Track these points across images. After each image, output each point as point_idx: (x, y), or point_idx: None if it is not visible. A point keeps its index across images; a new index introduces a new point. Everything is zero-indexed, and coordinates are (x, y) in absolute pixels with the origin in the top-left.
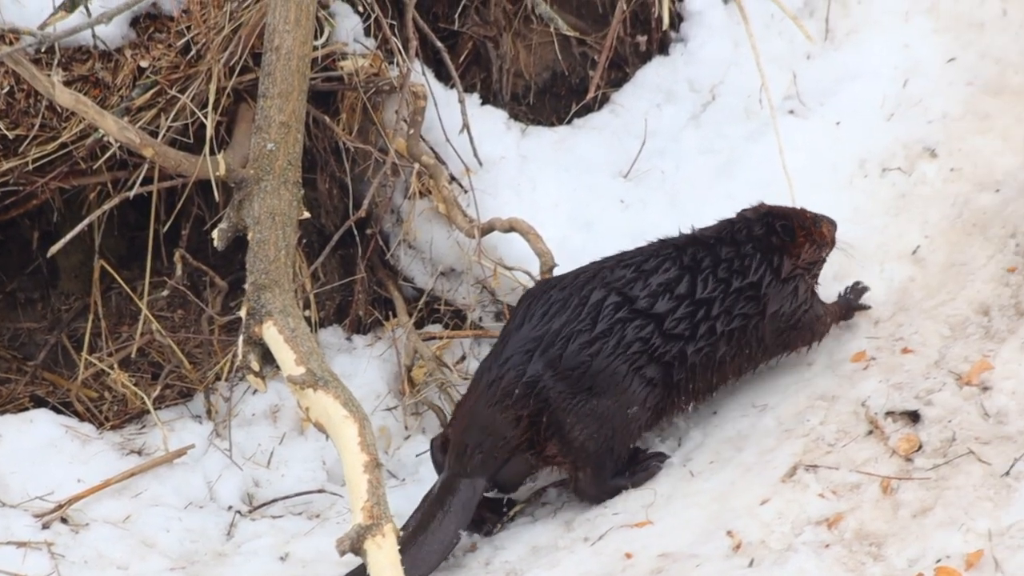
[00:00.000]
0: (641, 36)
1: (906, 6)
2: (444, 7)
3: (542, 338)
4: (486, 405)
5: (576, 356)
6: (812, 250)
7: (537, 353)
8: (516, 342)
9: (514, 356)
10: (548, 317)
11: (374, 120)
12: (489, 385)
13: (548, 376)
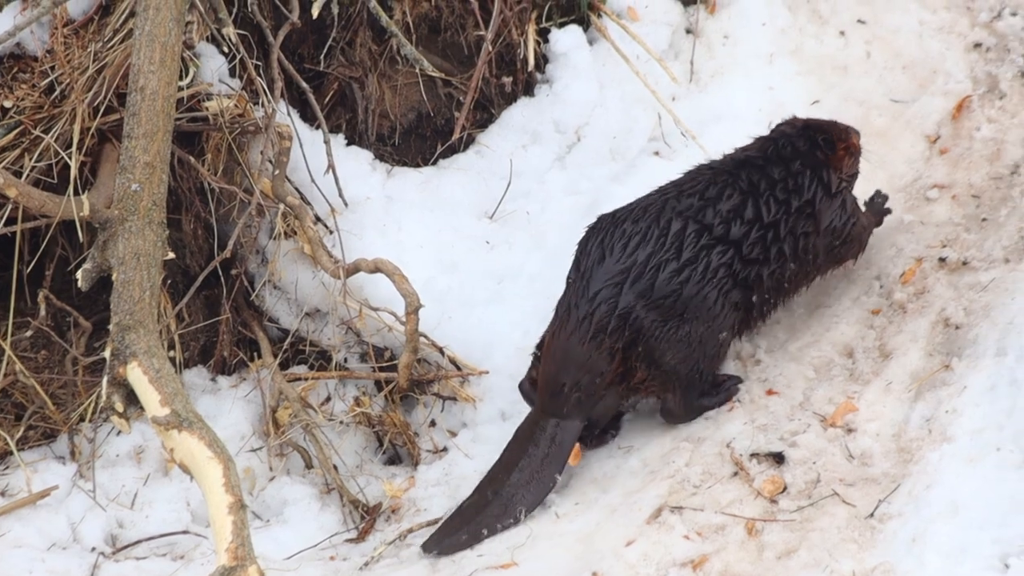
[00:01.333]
0: (507, 77)
1: (771, 48)
2: (309, 48)
3: (629, 270)
4: (580, 342)
5: (667, 285)
6: (851, 162)
7: (627, 285)
8: (602, 276)
9: (603, 290)
10: (630, 249)
11: (239, 160)
12: (581, 321)
13: (640, 306)
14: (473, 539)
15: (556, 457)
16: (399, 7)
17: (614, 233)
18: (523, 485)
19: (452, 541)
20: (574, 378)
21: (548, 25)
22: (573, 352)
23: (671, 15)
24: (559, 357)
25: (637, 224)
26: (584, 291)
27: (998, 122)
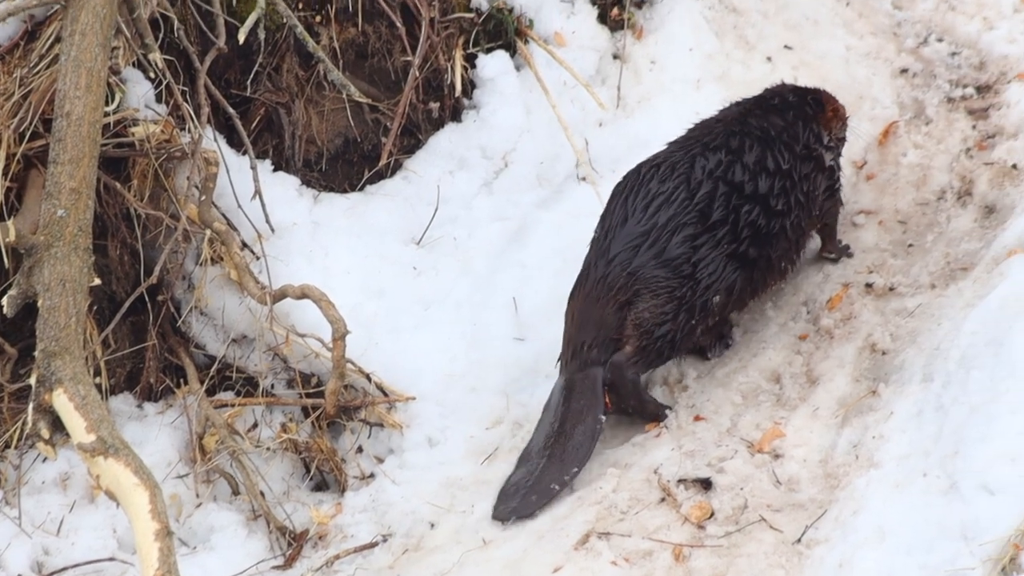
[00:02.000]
0: (434, 103)
1: (698, 74)
2: (236, 73)
3: (649, 233)
4: (594, 303)
5: (679, 246)
6: (839, 125)
7: (644, 247)
8: (622, 238)
9: (621, 253)
10: (651, 211)
11: (166, 186)
12: (596, 283)
13: (650, 264)
14: (543, 497)
15: (593, 404)
16: (326, 33)
17: (638, 193)
18: (571, 439)
19: (524, 503)
20: (591, 335)
21: (475, 51)
22: (588, 312)
23: (598, 41)
24: (578, 319)
25: (664, 184)
26: (604, 253)
27: (924, 148)
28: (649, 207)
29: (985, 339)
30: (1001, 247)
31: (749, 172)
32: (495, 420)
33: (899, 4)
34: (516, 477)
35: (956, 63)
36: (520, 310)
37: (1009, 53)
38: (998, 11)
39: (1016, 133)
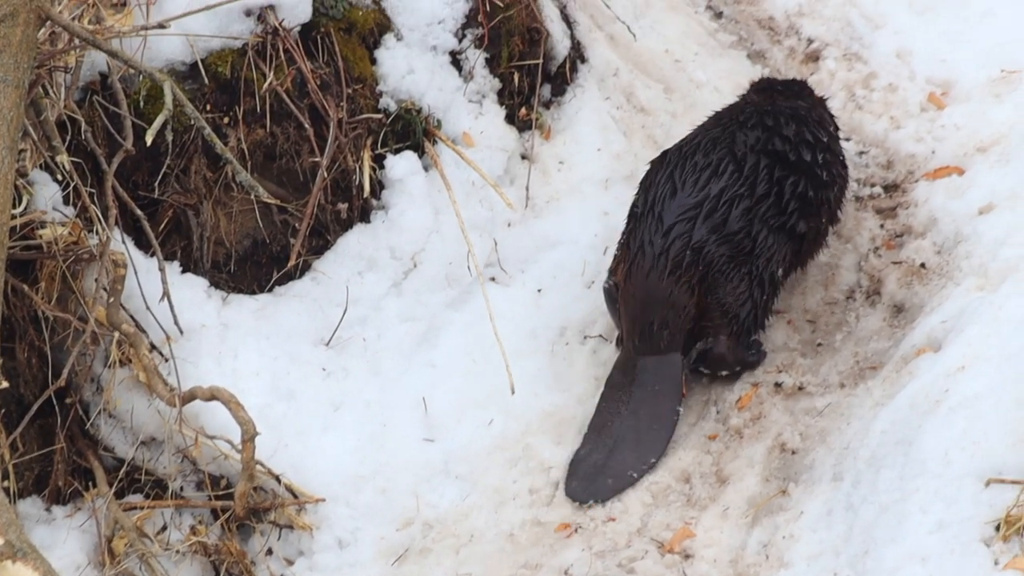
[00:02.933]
0: (342, 204)
1: (606, 174)
2: (144, 175)
3: (702, 204)
4: (659, 278)
5: (738, 221)
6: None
7: (700, 220)
8: (675, 210)
9: (677, 224)
10: (702, 183)
11: (74, 288)
12: (657, 258)
13: (712, 241)
14: (620, 482)
15: (671, 392)
16: (234, 134)
17: (684, 166)
18: (646, 428)
19: (600, 486)
20: (661, 316)
21: (384, 151)
22: (654, 289)
23: (506, 140)
24: (641, 296)
25: (708, 156)
26: (657, 226)
27: (833, 247)
28: (699, 180)
29: (895, 438)
30: (910, 346)
31: (790, 143)
32: (406, 521)
33: None
34: (586, 453)
35: (864, 162)
36: (430, 410)
37: (916, 152)
38: (905, 110)
39: (924, 232)
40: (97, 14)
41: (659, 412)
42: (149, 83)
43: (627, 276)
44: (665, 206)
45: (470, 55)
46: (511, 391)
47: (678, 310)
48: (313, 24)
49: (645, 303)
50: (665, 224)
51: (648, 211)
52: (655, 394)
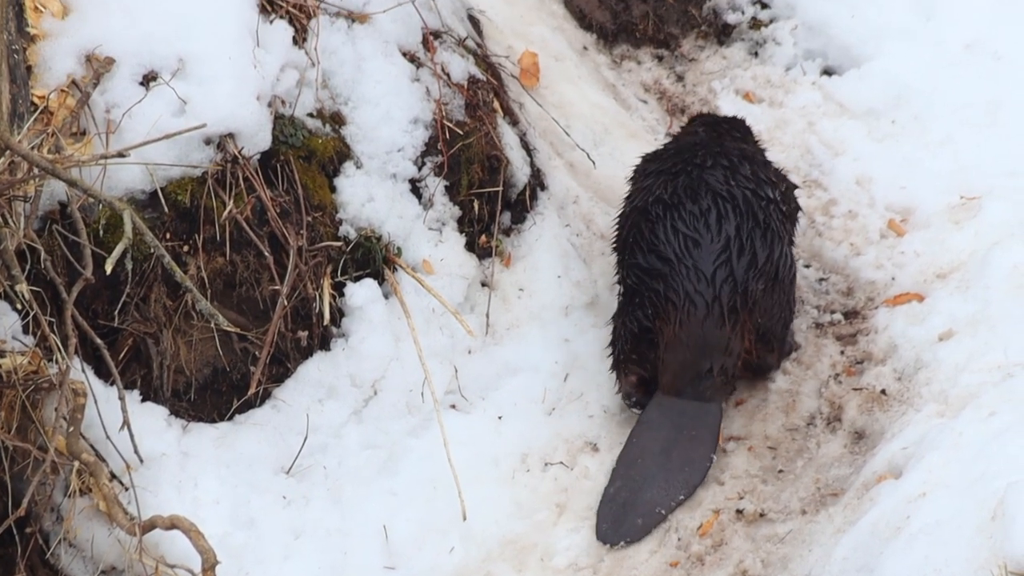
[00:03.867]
0: (303, 331)
1: (566, 301)
2: (104, 303)
3: (728, 246)
4: (716, 326)
5: (764, 252)
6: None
7: (734, 261)
8: (708, 257)
9: (717, 271)
10: (715, 227)
11: (33, 418)
12: (711, 305)
13: (752, 278)
14: (649, 519)
15: (709, 439)
16: (194, 262)
17: (683, 215)
18: (677, 469)
19: (629, 527)
20: (720, 362)
21: (344, 279)
22: (712, 337)
23: (466, 268)
24: (696, 344)
25: (699, 203)
26: (699, 275)
27: (793, 374)
28: (710, 224)
29: (856, 565)
30: (871, 472)
31: (756, 181)
32: None
33: None
34: (614, 491)
35: (824, 289)
36: (391, 538)
37: (876, 279)
38: (865, 237)
39: (884, 359)
40: (56, 143)
41: (693, 456)
42: (109, 212)
43: (677, 326)
44: (696, 256)
45: (430, 183)
46: (463, 517)
47: (735, 357)
48: (273, 152)
49: (701, 350)
50: (706, 272)
51: (678, 264)
52: (692, 439)
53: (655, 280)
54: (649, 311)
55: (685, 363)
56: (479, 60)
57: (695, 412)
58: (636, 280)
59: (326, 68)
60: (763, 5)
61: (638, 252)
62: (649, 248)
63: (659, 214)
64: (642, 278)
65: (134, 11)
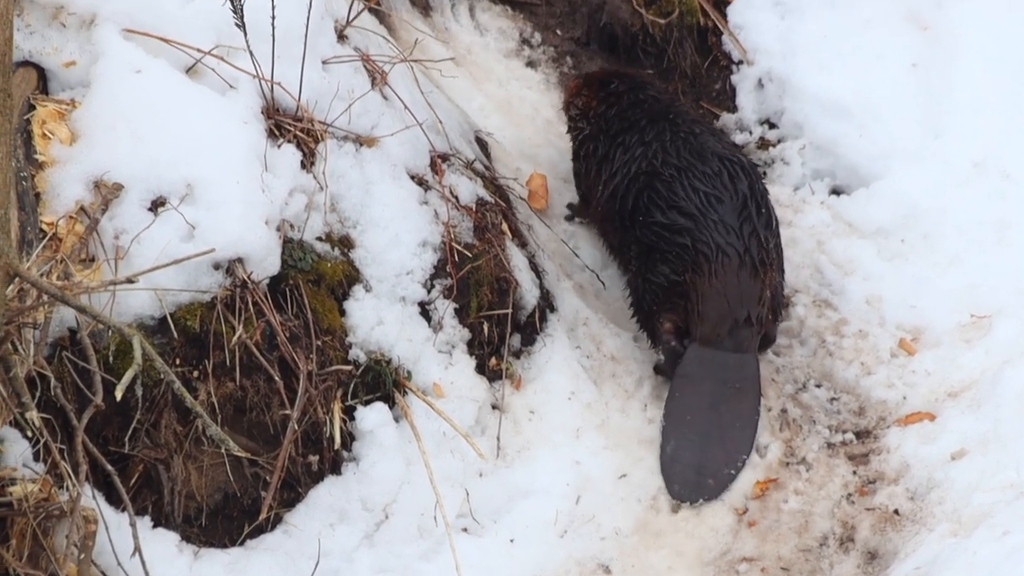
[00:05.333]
0: (313, 456)
1: (577, 423)
2: (114, 430)
3: (747, 204)
4: (751, 277)
5: (774, 212)
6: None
7: (754, 218)
8: (732, 213)
9: (743, 225)
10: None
11: (44, 545)
12: (742, 257)
13: (770, 236)
14: (721, 481)
15: (753, 391)
16: (204, 387)
17: (697, 175)
18: (730, 425)
19: (703, 486)
20: (755, 312)
21: (354, 403)
22: (747, 286)
23: (477, 391)
24: (733, 293)
25: (708, 164)
26: (727, 228)
27: (805, 494)
28: (726, 184)
29: None
30: None
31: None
32: None
33: (777, 350)
34: (673, 451)
35: (835, 408)
36: None
37: (887, 398)
38: (876, 356)
39: (897, 478)
40: (66, 270)
41: (741, 410)
42: (118, 338)
43: (709, 275)
44: (721, 211)
45: (439, 305)
46: None
47: (765, 307)
48: (282, 276)
49: (738, 299)
50: (734, 226)
51: (702, 218)
52: (738, 392)
53: (679, 235)
54: (676, 264)
55: (723, 313)
56: (487, 182)
57: (736, 363)
58: (655, 237)
59: (334, 192)
60: (771, 125)
61: (655, 210)
62: (668, 205)
63: (673, 175)
64: (662, 234)
65: (142, 137)
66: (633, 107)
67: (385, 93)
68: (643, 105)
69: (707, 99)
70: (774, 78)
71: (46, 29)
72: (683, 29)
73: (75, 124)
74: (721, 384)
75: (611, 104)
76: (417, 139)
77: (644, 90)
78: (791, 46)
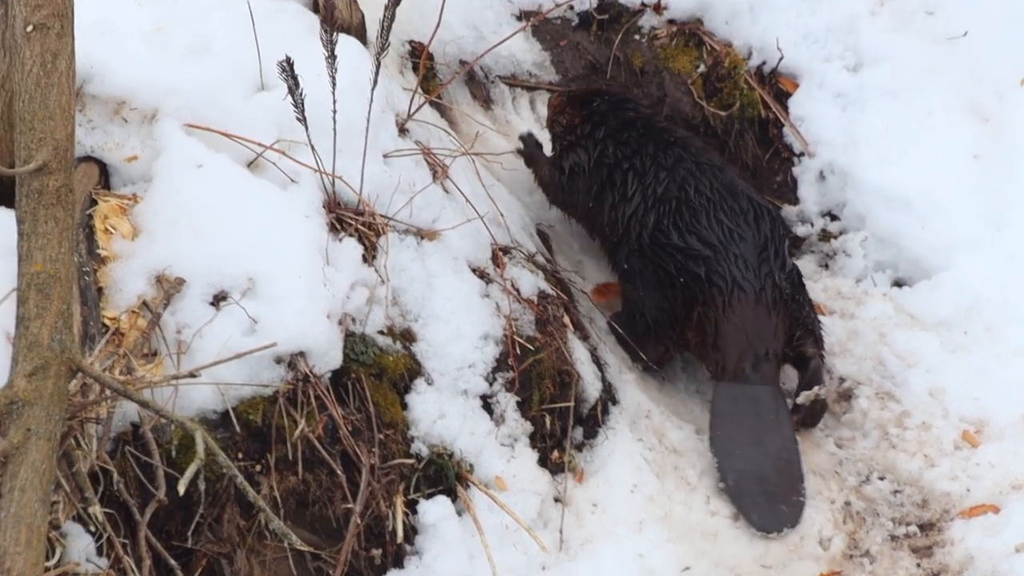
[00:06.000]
0: (376, 549)
1: (640, 516)
2: (177, 524)
3: (767, 246)
4: (767, 313)
5: (790, 260)
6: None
7: (772, 259)
8: (753, 251)
9: (761, 265)
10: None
11: None
12: (758, 294)
13: (784, 279)
14: (795, 507)
15: (786, 420)
16: (266, 481)
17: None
18: (777, 454)
19: (781, 515)
20: (772, 347)
21: (416, 496)
22: (763, 323)
23: (539, 484)
24: (750, 327)
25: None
26: (746, 264)
27: None
28: (749, 222)
29: None
30: None
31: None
32: None
33: (840, 442)
34: (736, 485)
35: (899, 501)
36: None
37: (951, 490)
38: (939, 449)
39: (961, 571)
40: (128, 364)
41: (781, 440)
42: (181, 432)
43: (725, 309)
44: (743, 247)
45: (501, 398)
46: None
47: (781, 343)
48: (344, 370)
49: (756, 334)
50: (752, 264)
51: (722, 250)
52: (773, 423)
53: (694, 262)
54: (687, 293)
55: (743, 347)
56: (549, 275)
57: (765, 396)
58: (666, 257)
59: (396, 285)
60: (833, 217)
61: (673, 232)
62: (688, 230)
63: (703, 204)
64: (674, 256)
65: (203, 231)
66: (625, 129)
67: (446, 186)
68: (634, 125)
69: (768, 191)
70: (836, 170)
71: (108, 124)
72: (744, 121)
73: (137, 219)
74: (756, 417)
75: (596, 124)
76: (478, 232)
77: (627, 107)
78: (853, 138)
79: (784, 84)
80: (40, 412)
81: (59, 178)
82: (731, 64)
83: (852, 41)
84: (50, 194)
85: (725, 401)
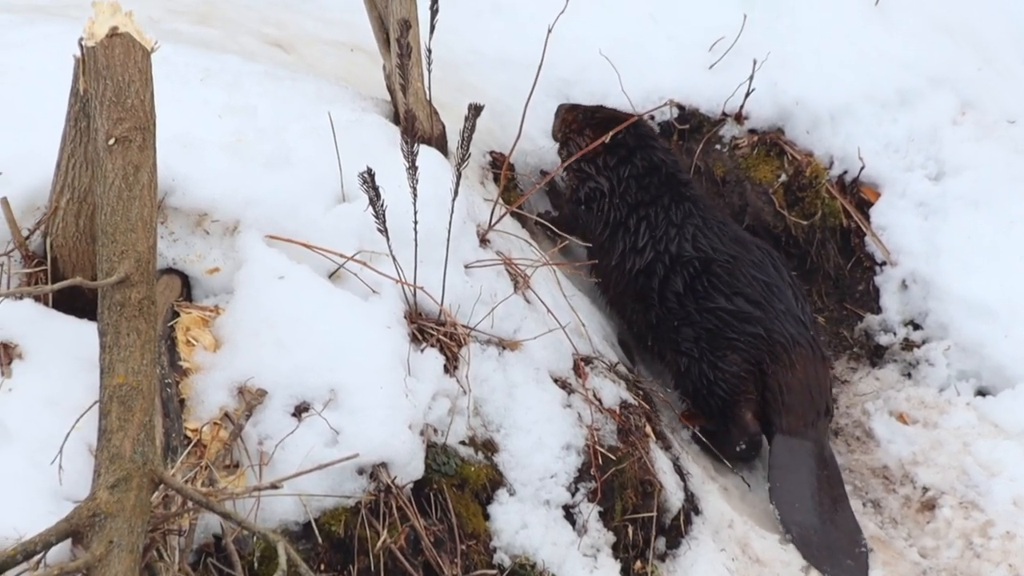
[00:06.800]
0: None
1: None
2: None
3: (795, 291)
4: (823, 368)
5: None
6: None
7: (803, 303)
8: (790, 300)
9: (803, 317)
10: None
11: None
12: (813, 349)
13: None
14: (860, 560)
15: (837, 477)
16: None
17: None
18: (834, 509)
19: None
20: (828, 402)
21: None
22: (822, 378)
23: None
24: (815, 384)
25: (754, 253)
26: (794, 318)
27: None
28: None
29: None
30: None
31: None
32: None
33: (924, 552)
34: (803, 537)
35: None
36: None
37: None
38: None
39: None
40: (210, 476)
41: (835, 495)
42: (263, 544)
43: (791, 366)
44: (784, 300)
45: (583, 509)
46: None
47: (831, 396)
48: (425, 481)
49: (819, 391)
50: (797, 316)
51: (770, 306)
52: (827, 479)
53: (748, 323)
54: (748, 353)
55: (807, 405)
56: (630, 385)
57: (819, 452)
58: (719, 323)
59: (477, 396)
60: (915, 326)
61: (718, 296)
62: (732, 291)
63: (729, 261)
64: (728, 320)
65: (285, 343)
66: (649, 173)
67: (528, 296)
68: (658, 172)
69: (850, 300)
70: (918, 279)
71: (189, 236)
72: (826, 231)
73: (219, 330)
74: (812, 473)
75: (622, 160)
76: (560, 342)
77: (653, 151)
78: (935, 247)
79: (866, 193)
80: (122, 524)
81: (141, 290)
82: (812, 173)
83: (934, 150)
84: (132, 306)
85: (783, 455)
